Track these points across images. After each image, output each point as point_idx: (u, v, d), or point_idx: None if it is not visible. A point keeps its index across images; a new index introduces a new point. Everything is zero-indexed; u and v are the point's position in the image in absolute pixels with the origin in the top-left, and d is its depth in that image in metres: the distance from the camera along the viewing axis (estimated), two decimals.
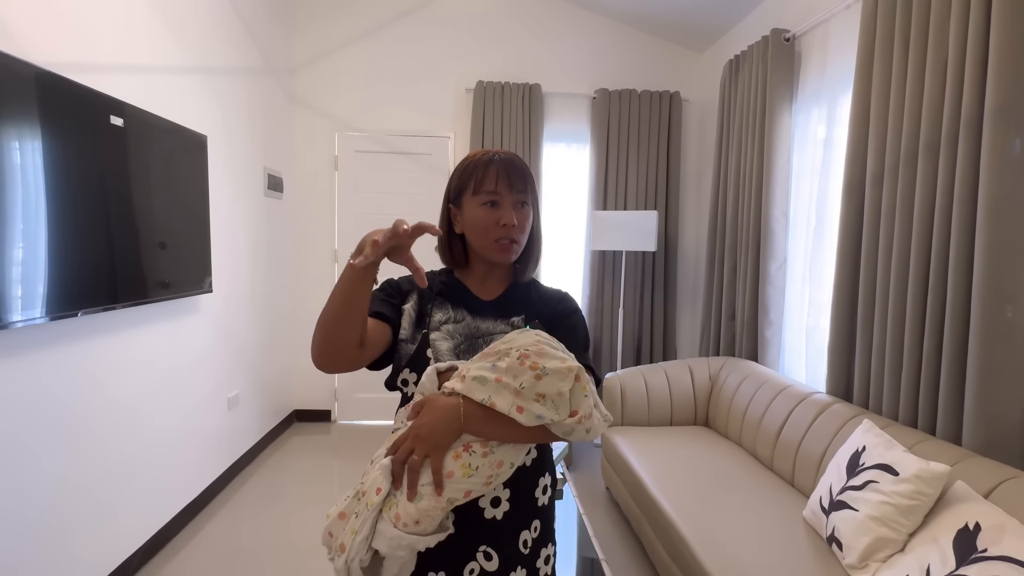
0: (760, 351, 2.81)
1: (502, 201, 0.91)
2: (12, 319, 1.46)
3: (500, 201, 0.91)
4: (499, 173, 0.91)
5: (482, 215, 0.92)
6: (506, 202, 0.92)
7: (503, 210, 0.91)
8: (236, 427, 2.94)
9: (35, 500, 1.62)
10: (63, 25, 1.70)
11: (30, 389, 1.60)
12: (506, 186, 0.91)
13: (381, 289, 0.97)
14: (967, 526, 1.24)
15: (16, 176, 1.48)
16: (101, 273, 1.81)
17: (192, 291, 2.36)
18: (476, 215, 0.92)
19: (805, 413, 2.10)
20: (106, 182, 1.82)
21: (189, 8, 2.42)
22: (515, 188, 0.92)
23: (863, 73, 2.05)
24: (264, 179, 3.25)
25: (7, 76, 1.43)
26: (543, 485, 0.94)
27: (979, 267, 1.55)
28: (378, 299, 0.94)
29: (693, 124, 3.93)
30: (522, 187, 0.93)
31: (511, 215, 0.91)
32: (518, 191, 0.92)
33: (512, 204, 0.92)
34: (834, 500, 1.61)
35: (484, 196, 0.91)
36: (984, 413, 1.55)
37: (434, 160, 3.81)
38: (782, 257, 2.75)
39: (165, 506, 2.28)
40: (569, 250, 3.89)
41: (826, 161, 2.45)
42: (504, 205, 0.91)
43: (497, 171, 0.91)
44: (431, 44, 3.76)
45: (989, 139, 1.54)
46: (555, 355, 0.79)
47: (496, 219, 0.91)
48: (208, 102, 2.59)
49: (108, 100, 1.80)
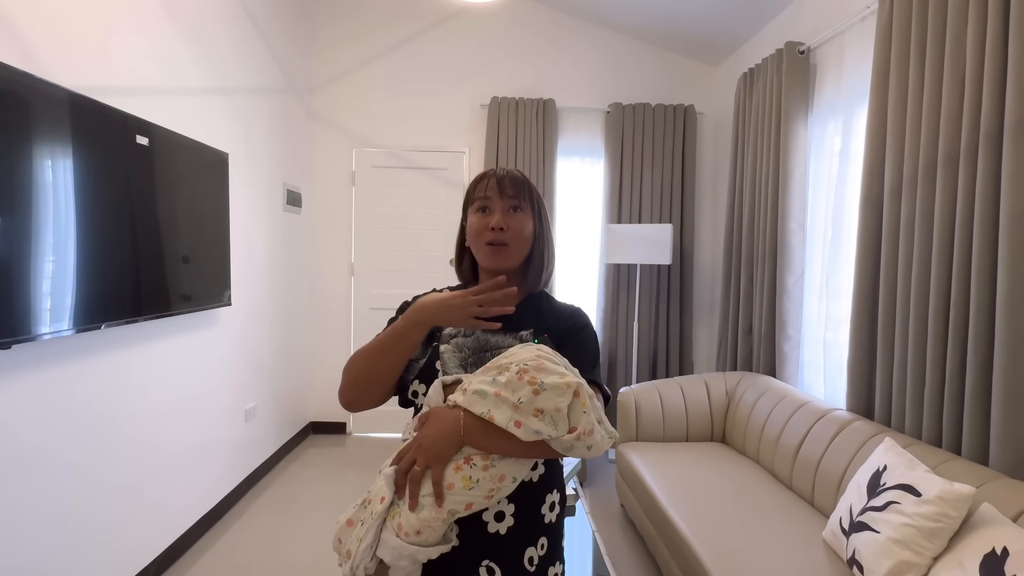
0: (778, 366, 2.76)
1: (492, 206, 0.95)
2: (41, 331, 1.52)
3: (491, 206, 0.95)
4: (491, 182, 0.96)
5: (475, 221, 0.96)
6: (496, 207, 0.95)
7: (493, 214, 0.94)
8: (253, 439, 2.97)
9: (57, 508, 1.66)
10: (92, 50, 1.78)
11: (55, 400, 1.65)
12: (496, 192, 0.95)
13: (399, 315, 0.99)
14: (994, 551, 1.20)
15: (48, 193, 1.54)
16: (126, 286, 1.87)
17: (212, 304, 2.41)
18: (471, 222, 0.97)
19: (825, 430, 2.05)
20: (132, 198, 1.88)
21: (214, 31, 2.51)
22: (505, 194, 0.95)
23: (879, 85, 2.03)
24: (283, 194, 3.33)
25: (41, 99, 1.51)
26: (551, 502, 0.94)
27: (1002, 281, 1.51)
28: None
29: (708, 137, 3.92)
30: (513, 192, 0.95)
31: (500, 218, 0.94)
32: (508, 196, 0.95)
33: (502, 209, 0.95)
34: (854, 521, 1.56)
35: (478, 203, 0.96)
36: (1012, 432, 1.49)
37: (449, 175, 3.86)
38: (799, 270, 2.71)
39: (182, 517, 2.31)
40: (584, 264, 3.88)
41: (842, 173, 2.42)
42: (494, 210, 0.95)
43: (490, 181, 0.96)
44: (446, 61, 3.83)
45: (1010, 152, 1.50)
46: (554, 370, 0.79)
47: (486, 223, 0.94)
48: (230, 120, 2.67)
49: (134, 120, 1.87)
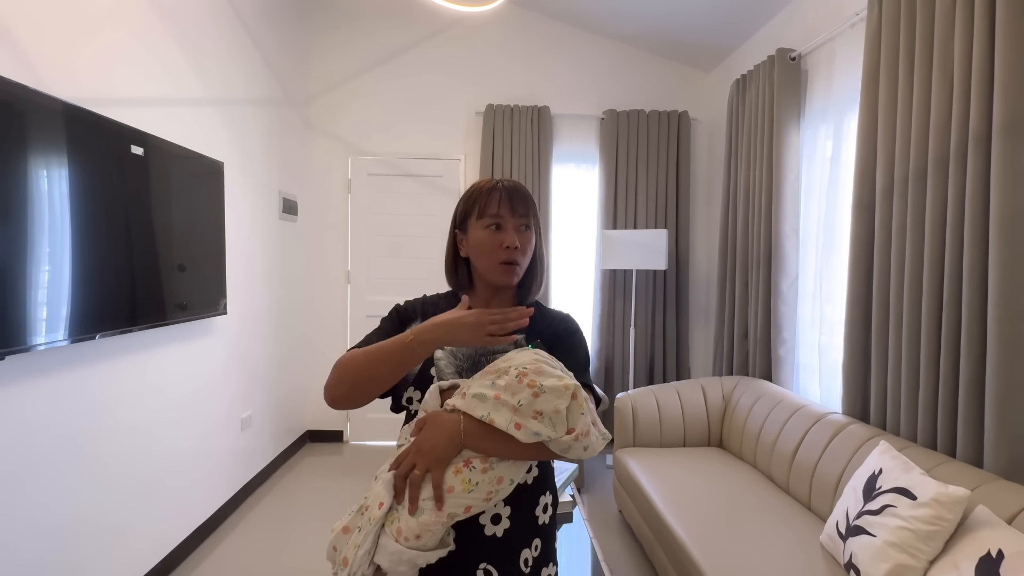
0: (774, 370, 2.76)
1: (505, 224, 0.95)
2: (35, 342, 1.51)
3: (503, 224, 0.95)
4: (502, 198, 0.95)
5: (486, 238, 0.95)
6: (508, 225, 0.95)
7: (506, 233, 0.95)
8: (249, 447, 2.96)
9: (51, 519, 1.64)
10: (88, 61, 1.79)
11: (50, 411, 1.64)
12: (508, 210, 0.95)
13: (390, 320, 0.99)
14: (989, 553, 1.20)
15: (44, 204, 1.55)
16: (121, 296, 1.86)
17: (208, 313, 2.41)
18: (480, 238, 0.96)
19: (821, 434, 2.06)
20: (127, 208, 1.88)
21: (210, 41, 2.52)
22: (517, 212, 0.95)
23: (869, 90, 2.05)
24: (279, 203, 3.33)
25: (37, 111, 1.51)
26: (544, 504, 0.95)
27: (994, 283, 1.53)
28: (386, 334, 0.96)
29: (701, 143, 3.95)
30: (524, 211, 0.96)
31: (514, 237, 0.94)
32: (520, 215, 0.96)
33: (514, 227, 0.95)
34: (851, 525, 1.56)
35: (488, 220, 0.95)
36: (1005, 434, 1.50)
37: (445, 182, 3.88)
38: (793, 274, 2.72)
39: (178, 526, 2.30)
40: (579, 269, 3.87)
41: (834, 178, 2.44)
42: (507, 228, 0.95)
43: (500, 196, 0.95)
44: (441, 70, 3.85)
45: (999, 154, 1.52)
46: (553, 373, 0.81)
47: (500, 241, 0.94)
48: (226, 129, 2.67)
49: (129, 131, 1.88)
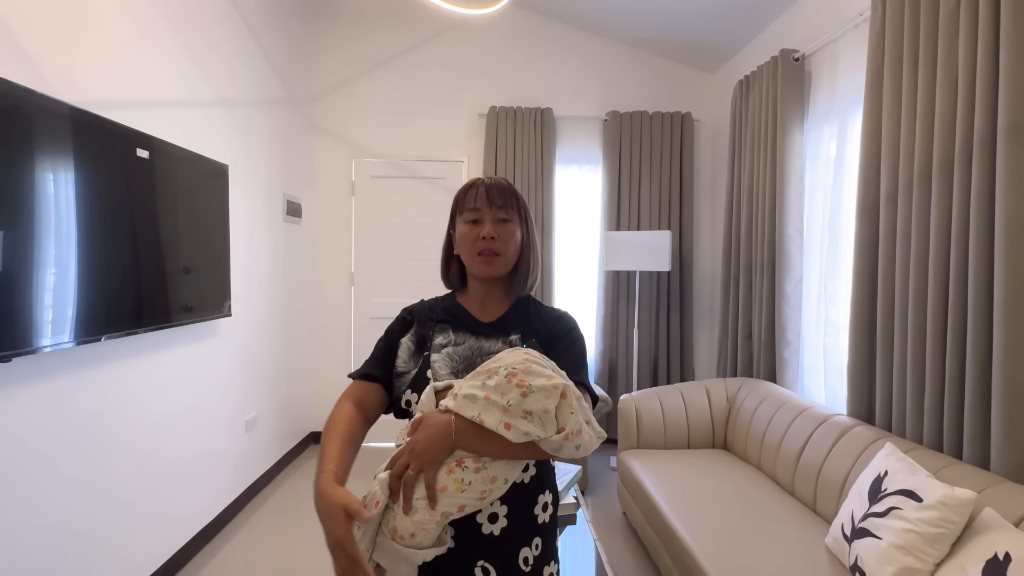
0: (778, 371, 2.76)
1: (483, 217, 0.98)
2: (41, 344, 1.52)
3: (482, 218, 0.98)
4: (479, 192, 0.99)
5: (467, 231, 0.99)
6: (486, 217, 0.98)
7: (483, 224, 0.98)
8: (254, 449, 2.97)
9: (58, 520, 1.65)
10: (93, 65, 1.80)
11: (55, 412, 1.65)
12: (486, 203, 0.98)
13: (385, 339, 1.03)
14: (996, 556, 1.19)
15: (50, 207, 1.56)
16: (126, 298, 1.87)
17: (212, 315, 2.42)
18: (462, 232, 1.00)
19: (826, 436, 2.05)
20: (132, 211, 1.90)
21: (214, 43, 2.53)
22: (495, 204, 0.98)
23: (873, 91, 2.05)
24: (283, 205, 3.34)
25: (43, 114, 1.52)
26: (543, 503, 0.95)
27: (999, 285, 1.52)
28: (374, 360, 1.01)
29: (705, 144, 3.94)
30: (502, 203, 0.99)
31: (490, 228, 0.97)
32: (498, 207, 0.98)
33: (492, 219, 0.98)
34: (856, 527, 1.55)
35: (468, 214, 1.00)
36: (1012, 436, 1.49)
37: (448, 184, 3.88)
38: (798, 276, 2.71)
39: (183, 528, 2.30)
40: (583, 271, 3.87)
41: (838, 179, 2.43)
42: (485, 220, 0.98)
43: (479, 191, 0.99)
44: (445, 71, 3.86)
45: (1004, 157, 1.51)
46: (542, 373, 0.81)
47: (477, 233, 0.97)
48: (230, 132, 2.69)
49: (134, 134, 1.89)
